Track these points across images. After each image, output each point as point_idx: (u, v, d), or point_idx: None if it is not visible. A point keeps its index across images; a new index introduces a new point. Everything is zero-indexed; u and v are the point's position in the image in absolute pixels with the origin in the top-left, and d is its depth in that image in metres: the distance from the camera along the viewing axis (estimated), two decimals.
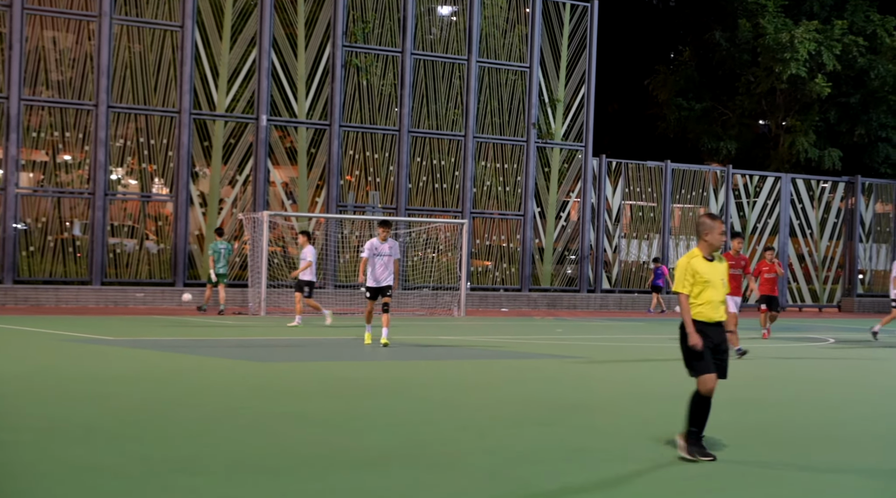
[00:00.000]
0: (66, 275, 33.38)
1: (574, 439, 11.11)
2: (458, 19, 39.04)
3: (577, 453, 10.31)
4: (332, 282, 35.88)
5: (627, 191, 42.73)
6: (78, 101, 33.48)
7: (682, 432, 10.12)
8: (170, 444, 10.11)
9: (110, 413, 11.86)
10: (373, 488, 8.52)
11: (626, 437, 11.29)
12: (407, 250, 37.46)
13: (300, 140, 36.42)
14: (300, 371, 16.98)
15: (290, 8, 36.24)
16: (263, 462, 9.28)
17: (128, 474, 8.76)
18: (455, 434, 11.15)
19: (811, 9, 52.93)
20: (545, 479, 9.09)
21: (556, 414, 12.81)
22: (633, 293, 42.66)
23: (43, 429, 10.68)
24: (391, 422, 11.80)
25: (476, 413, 12.66)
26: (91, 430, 10.73)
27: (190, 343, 21.54)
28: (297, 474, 8.97)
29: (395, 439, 10.68)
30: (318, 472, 9.10)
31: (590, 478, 9.22)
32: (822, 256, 47.23)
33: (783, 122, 52.59)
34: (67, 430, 10.70)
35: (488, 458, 9.85)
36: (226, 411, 12.25)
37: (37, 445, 9.76)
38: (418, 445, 10.41)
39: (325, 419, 11.89)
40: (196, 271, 34.87)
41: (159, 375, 15.57)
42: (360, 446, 10.21)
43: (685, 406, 10.20)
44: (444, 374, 17.11)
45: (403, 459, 9.72)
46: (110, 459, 9.32)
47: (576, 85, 41.22)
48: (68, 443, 10.01)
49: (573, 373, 17.93)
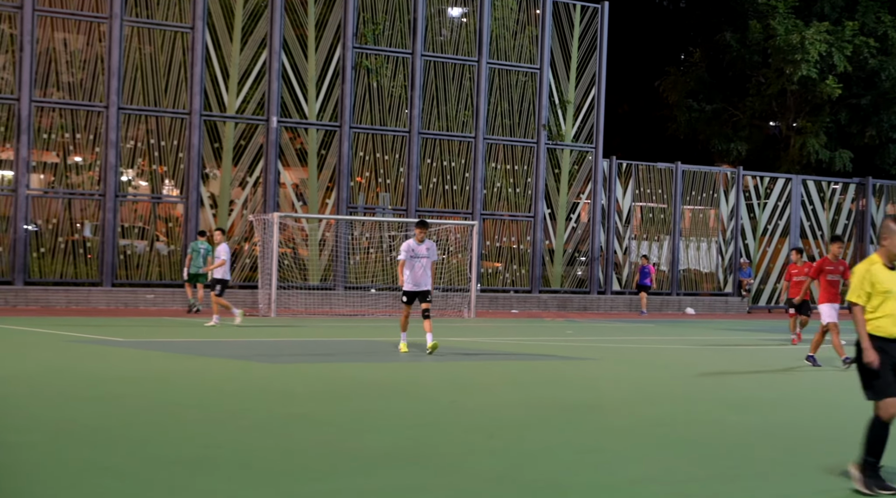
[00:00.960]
0: (76, 276, 33.42)
1: (584, 441, 11.09)
2: (468, 21, 39.03)
3: (586, 455, 10.29)
4: (342, 283, 35.88)
5: (638, 192, 42.68)
6: (88, 102, 33.53)
7: (857, 462, 9.11)
8: (177, 445, 10.12)
9: (118, 414, 11.88)
10: (380, 489, 8.52)
11: (636, 438, 11.27)
12: None
13: (310, 141, 36.43)
14: (307, 372, 16.98)
15: (300, 9, 36.25)
16: (270, 463, 9.28)
17: (135, 475, 8.77)
18: (463, 435, 11.14)
19: (822, 10, 52.80)
20: (554, 480, 9.07)
21: (565, 415, 12.80)
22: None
23: (51, 430, 10.70)
24: (399, 423, 11.79)
25: (484, 414, 12.65)
26: (98, 431, 10.75)
27: (199, 345, 21.56)
28: (304, 475, 8.98)
29: (403, 441, 10.68)
30: (324, 473, 9.10)
31: (600, 479, 9.20)
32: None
33: (794, 124, 52.48)
34: (75, 431, 10.71)
35: (496, 459, 9.84)
36: (233, 412, 12.26)
37: (45, 446, 9.78)
38: (426, 447, 10.40)
39: (332, 420, 11.89)
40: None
41: (168, 376, 15.59)
42: (367, 447, 10.21)
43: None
44: (453, 375, 17.10)
45: (411, 460, 9.71)
46: (117, 459, 9.33)
47: (586, 86, 41.18)
48: (76, 444, 10.02)
49: (583, 374, 17.92)
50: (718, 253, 44.49)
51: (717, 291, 44.48)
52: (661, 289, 43.15)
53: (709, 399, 14.76)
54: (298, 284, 34.54)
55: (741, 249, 44.82)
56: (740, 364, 20.68)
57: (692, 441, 11.23)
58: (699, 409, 13.75)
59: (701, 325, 34.96)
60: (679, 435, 11.55)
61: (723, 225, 44.57)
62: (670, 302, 42.86)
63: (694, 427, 12.20)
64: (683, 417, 12.89)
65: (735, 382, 17.30)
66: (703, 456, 10.39)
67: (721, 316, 42.14)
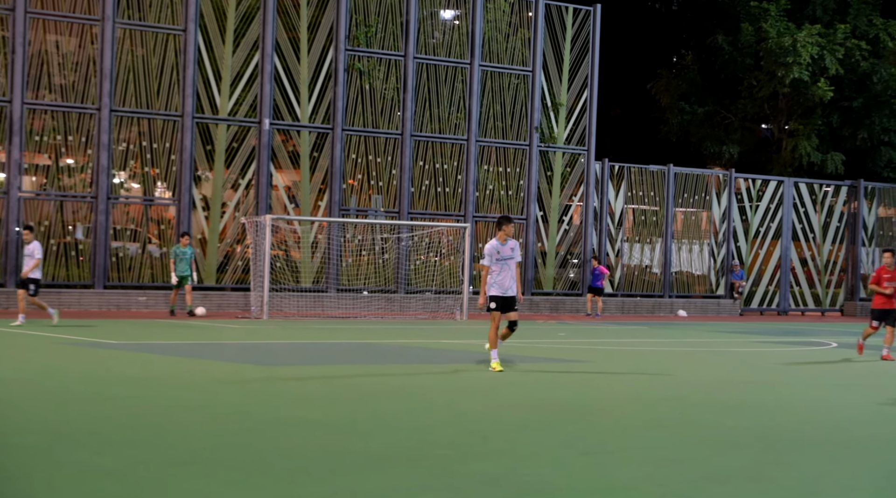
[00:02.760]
0: (68, 278, 33.38)
1: (579, 443, 11.09)
2: (460, 23, 39.06)
3: (581, 457, 10.29)
4: (334, 286, 35.87)
5: (630, 195, 42.72)
6: (81, 104, 33.50)
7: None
8: (173, 447, 10.10)
9: (113, 416, 11.86)
10: (376, 492, 8.51)
11: (631, 440, 11.28)
12: (409, 254, 37.48)
13: (303, 144, 36.43)
14: (302, 375, 16.96)
15: (292, 12, 36.25)
16: (267, 465, 9.27)
17: (130, 477, 8.76)
18: (458, 438, 11.14)
19: (814, 13, 52.92)
20: (549, 482, 9.08)
21: (560, 417, 12.80)
22: (636, 297, 42.65)
23: (46, 432, 10.68)
24: (394, 425, 11.79)
25: (479, 417, 12.65)
26: (94, 433, 10.73)
27: (193, 347, 21.54)
28: (300, 477, 8.97)
29: (399, 443, 10.68)
30: (320, 475, 9.09)
31: (595, 481, 9.21)
32: (824, 260, 47.20)
33: (786, 126, 52.56)
34: (70, 433, 10.70)
35: (491, 461, 9.84)
36: (228, 415, 12.25)
37: (40, 449, 9.76)
38: (422, 449, 10.40)
39: (328, 422, 11.88)
40: (199, 275, 34.84)
41: (162, 378, 15.57)
42: (363, 450, 10.20)
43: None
44: (446, 377, 17.09)
45: (407, 462, 9.71)
46: (112, 462, 9.32)
47: (578, 89, 41.22)
48: (71, 446, 10.01)
49: (577, 377, 17.92)
50: (711, 255, 44.54)
51: (709, 294, 44.54)
52: (654, 291, 43.21)
53: (702, 401, 14.78)
54: (291, 286, 34.52)
55: (733, 252, 44.88)
56: (734, 366, 20.70)
57: (686, 443, 11.23)
58: (693, 411, 13.76)
59: (693, 327, 34.99)
60: (673, 437, 11.55)
61: (715, 227, 44.63)
62: (662, 304, 42.91)
63: (688, 429, 12.21)
64: (678, 419, 12.90)
65: (729, 384, 17.31)
66: (697, 458, 10.40)
67: (713, 318, 42.19)
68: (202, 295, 34.22)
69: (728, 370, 19.84)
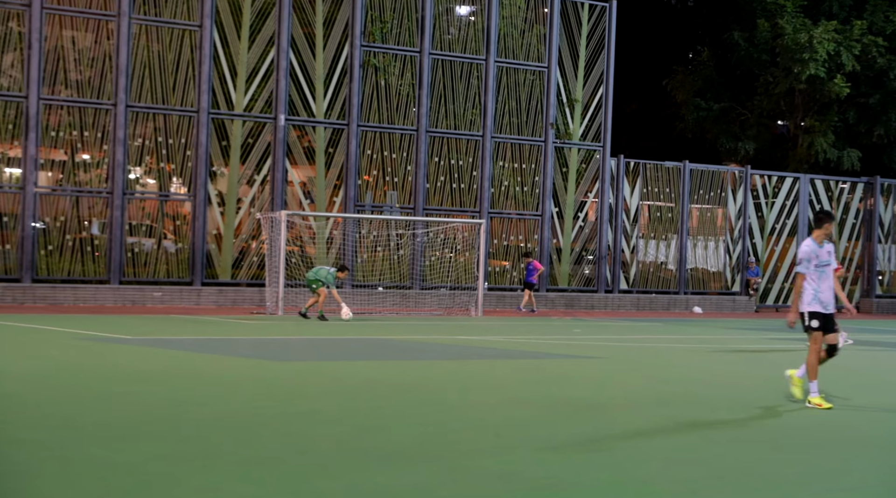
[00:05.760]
0: (84, 274, 33.46)
1: (591, 440, 11.08)
2: (476, 19, 39.02)
3: (594, 454, 10.29)
4: (349, 282, 35.88)
5: (645, 191, 42.65)
6: (96, 100, 33.56)
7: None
8: (185, 442, 10.12)
9: (126, 411, 11.89)
10: (389, 487, 8.52)
11: (643, 437, 11.26)
12: (424, 250, 37.48)
13: (318, 140, 36.44)
14: (315, 370, 16.99)
15: (308, 8, 36.26)
16: (280, 460, 9.29)
17: (143, 472, 8.78)
18: (471, 434, 11.14)
19: (830, 9, 52.72)
20: (561, 479, 9.07)
21: (573, 414, 12.79)
22: (651, 294, 42.59)
23: (59, 427, 10.71)
24: (407, 421, 11.79)
25: (492, 413, 12.65)
26: (107, 428, 10.75)
27: (207, 342, 21.57)
28: (314, 472, 8.98)
29: (411, 439, 10.68)
30: (334, 470, 9.10)
31: (607, 478, 9.20)
32: (840, 256, 47.05)
33: (802, 123, 52.41)
34: (83, 428, 10.72)
35: (503, 457, 9.84)
36: (241, 410, 12.27)
37: (53, 444, 9.79)
38: (434, 445, 10.40)
39: (340, 418, 11.89)
40: (214, 270, 34.91)
41: (175, 373, 15.60)
42: (375, 445, 10.21)
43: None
44: (460, 373, 17.10)
45: (419, 458, 9.71)
46: (125, 457, 9.34)
47: (594, 85, 41.16)
48: (84, 441, 10.03)
49: (591, 373, 17.91)
50: (726, 252, 44.45)
51: (724, 290, 44.45)
52: (669, 288, 43.14)
53: (715, 399, 14.74)
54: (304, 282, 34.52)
55: (749, 248, 44.78)
56: (748, 364, 20.66)
57: (700, 440, 11.22)
58: (706, 408, 13.73)
59: (708, 324, 34.93)
60: (687, 434, 11.53)
61: (730, 224, 44.54)
62: (678, 301, 42.85)
63: (701, 426, 12.19)
64: (691, 416, 12.87)
65: (742, 381, 17.28)
66: (710, 455, 10.38)
67: (729, 315, 42.11)
68: (217, 290, 34.28)
69: (742, 367, 19.80)
